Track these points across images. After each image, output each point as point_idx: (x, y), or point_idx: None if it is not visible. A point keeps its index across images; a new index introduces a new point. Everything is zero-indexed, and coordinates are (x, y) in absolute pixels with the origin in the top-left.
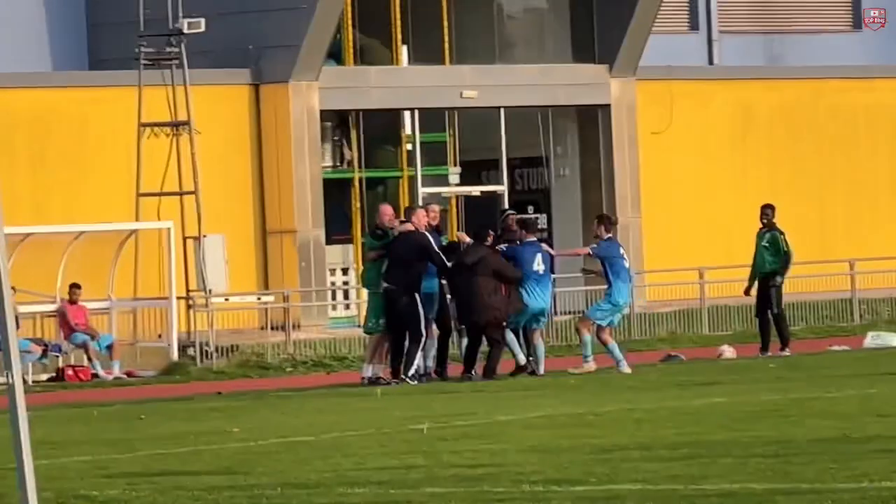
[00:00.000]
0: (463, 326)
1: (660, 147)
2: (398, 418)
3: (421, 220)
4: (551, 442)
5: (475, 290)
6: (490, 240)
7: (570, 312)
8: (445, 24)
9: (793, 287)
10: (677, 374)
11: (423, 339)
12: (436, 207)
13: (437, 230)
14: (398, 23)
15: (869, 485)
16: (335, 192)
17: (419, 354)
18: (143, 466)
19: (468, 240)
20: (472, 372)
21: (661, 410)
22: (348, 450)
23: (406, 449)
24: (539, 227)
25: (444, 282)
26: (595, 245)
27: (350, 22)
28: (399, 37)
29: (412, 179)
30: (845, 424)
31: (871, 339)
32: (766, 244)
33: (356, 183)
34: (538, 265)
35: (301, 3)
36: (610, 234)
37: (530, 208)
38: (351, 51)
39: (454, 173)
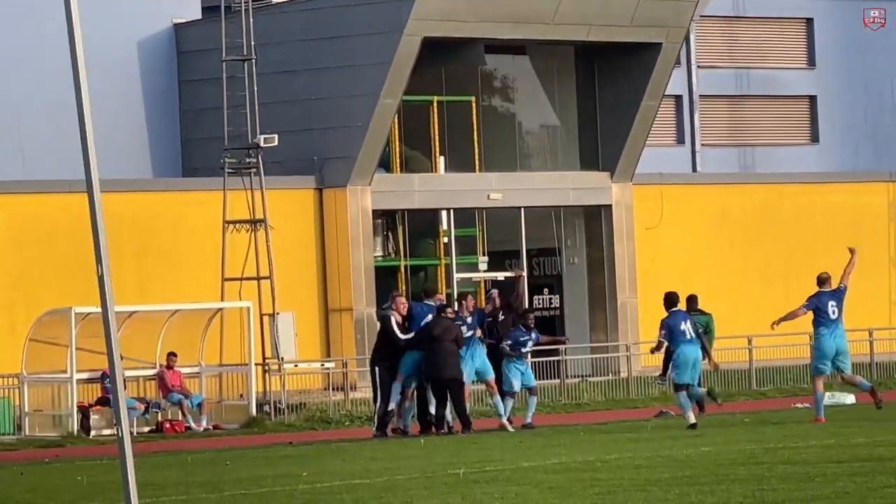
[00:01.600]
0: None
1: (652, 240)
2: (439, 464)
3: (399, 307)
4: (566, 484)
5: (443, 353)
6: (451, 313)
7: (577, 376)
8: (476, 137)
9: (763, 355)
10: (669, 427)
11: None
12: (471, 298)
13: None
14: (437, 137)
15: None
16: (385, 276)
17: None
18: None
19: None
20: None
21: (657, 458)
22: (398, 490)
23: (446, 490)
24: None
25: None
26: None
27: (397, 136)
28: (437, 148)
29: (448, 267)
30: (809, 469)
31: (828, 398)
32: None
33: (402, 270)
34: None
35: (357, 121)
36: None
37: (545, 290)
38: (398, 160)
39: (482, 262)
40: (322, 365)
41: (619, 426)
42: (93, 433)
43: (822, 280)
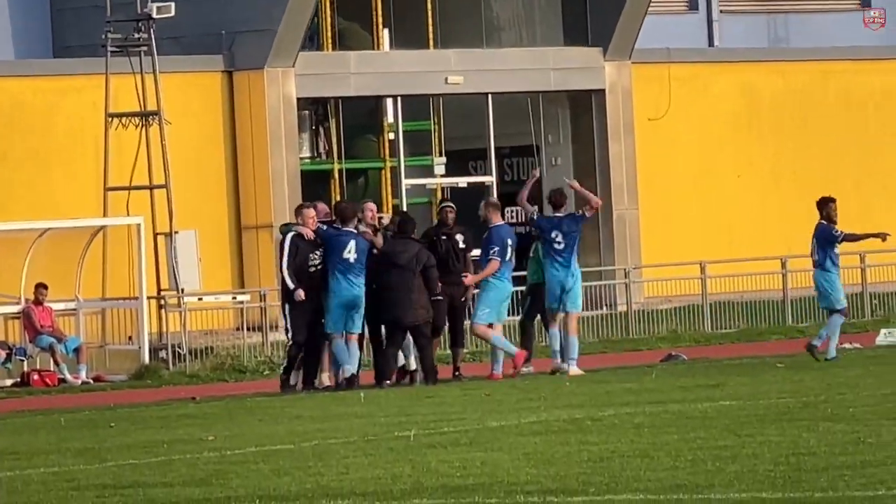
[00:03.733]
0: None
1: (657, 134)
2: (383, 424)
3: (307, 220)
4: (546, 449)
5: (407, 287)
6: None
7: None
8: (429, 5)
9: (798, 282)
10: (679, 375)
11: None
12: (372, 206)
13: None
14: (379, 5)
15: (885, 492)
16: (313, 184)
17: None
18: (114, 478)
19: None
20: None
21: (664, 415)
22: (330, 458)
23: (392, 457)
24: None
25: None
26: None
27: (328, 4)
28: (380, 20)
29: (395, 170)
30: (859, 428)
31: (884, 336)
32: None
33: (335, 175)
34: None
35: None
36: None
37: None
38: (329, 35)
39: (439, 164)
40: (233, 298)
41: (615, 374)
42: None
43: None
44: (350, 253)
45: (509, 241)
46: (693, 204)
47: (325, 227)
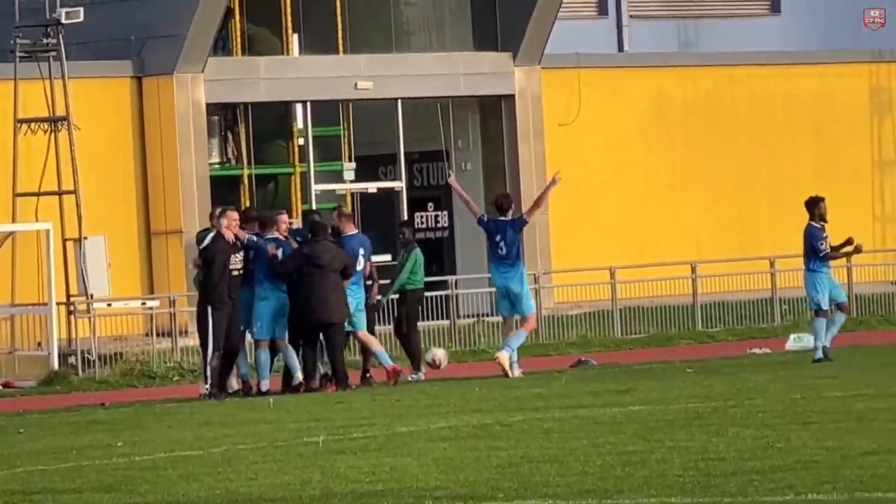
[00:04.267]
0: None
1: (567, 139)
2: (293, 430)
3: (230, 222)
4: (456, 455)
5: (330, 287)
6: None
7: (474, 315)
8: (339, 10)
9: (708, 287)
10: (589, 380)
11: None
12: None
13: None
14: (288, 10)
15: (794, 497)
16: (223, 190)
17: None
18: (22, 484)
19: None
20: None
21: (573, 420)
22: (239, 464)
23: (301, 463)
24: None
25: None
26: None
27: (237, 10)
28: (290, 25)
29: (304, 176)
30: (768, 433)
31: (794, 342)
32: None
33: (245, 180)
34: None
35: None
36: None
37: (430, 205)
38: (239, 40)
39: (349, 169)
40: (143, 304)
41: (524, 379)
42: None
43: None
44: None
45: (361, 252)
46: (603, 209)
47: (255, 238)
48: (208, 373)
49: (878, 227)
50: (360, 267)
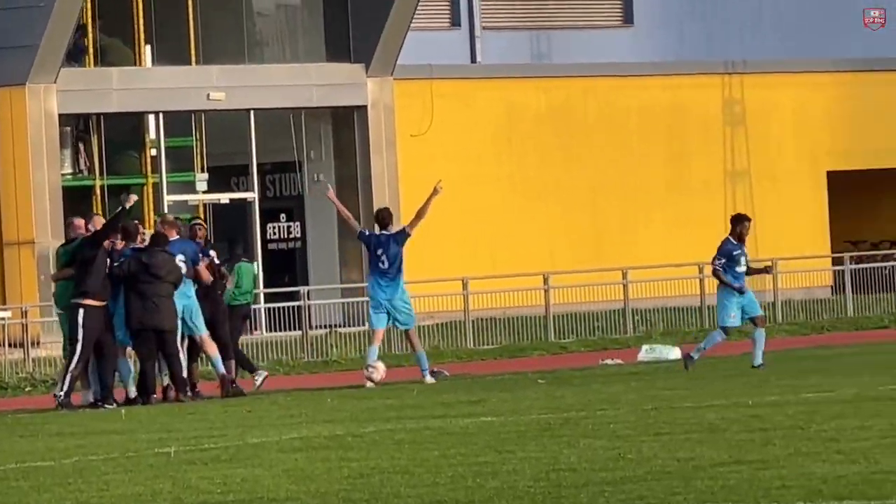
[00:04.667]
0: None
1: (420, 150)
2: (144, 441)
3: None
4: (307, 466)
5: (164, 295)
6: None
7: (326, 326)
8: (191, 22)
9: (560, 298)
10: (441, 391)
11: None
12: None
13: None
14: (141, 21)
15: None
16: (75, 200)
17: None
18: None
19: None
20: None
21: (425, 431)
22: (91, 475)
23: (152, 474)
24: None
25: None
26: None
27: (90, 21)
28: (142, 36)
29: (157, 186)
30: (619, 444)
31: (646, 353)
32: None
33: (97, 191)
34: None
35: (38, 0)
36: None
37: (282, 216)
38: (91, 51)
39: (201, 180)
40: None
41: (377, 390)
42: None
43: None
44: None
45: (181, 257)
46: (456, 220)
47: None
48: (67, 379)
49: None
50: (183, 271)
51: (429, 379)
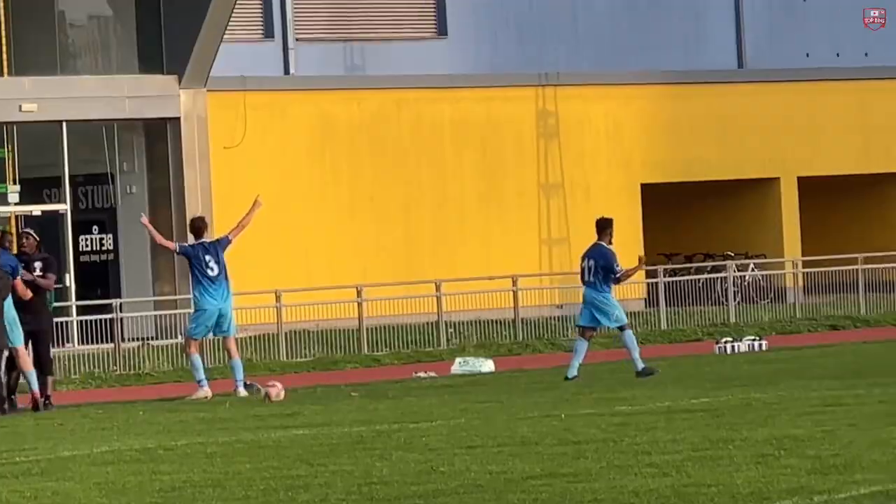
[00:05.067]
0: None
1: (233, 162)
2: None
3: None
4: (118, 479)
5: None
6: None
7: (139, 339)
8: (3, 32)
9: (373, 310)
10: (254, 404)
11: None
12: None
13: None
14: None
15: None
16: None
17: None
18: None
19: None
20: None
21: (237, 444)
22: None
23: None
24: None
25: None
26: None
27: None
28: None
29: None
30: (432, 457)
31: (459, 366)
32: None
33: None
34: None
35: None
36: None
37: (95, 228)
38: None
39: (13, 192)
40: None
41: (188, 404)
42: None
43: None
44: None
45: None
46: (269, 232)
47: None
48: None
49: (545, 250)
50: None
51: (242, 392)
